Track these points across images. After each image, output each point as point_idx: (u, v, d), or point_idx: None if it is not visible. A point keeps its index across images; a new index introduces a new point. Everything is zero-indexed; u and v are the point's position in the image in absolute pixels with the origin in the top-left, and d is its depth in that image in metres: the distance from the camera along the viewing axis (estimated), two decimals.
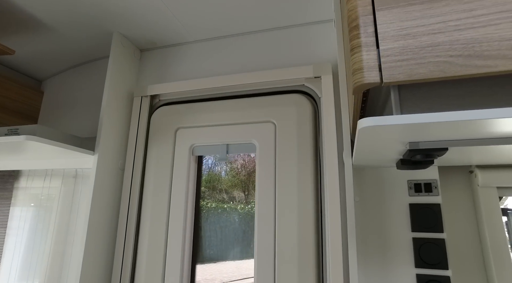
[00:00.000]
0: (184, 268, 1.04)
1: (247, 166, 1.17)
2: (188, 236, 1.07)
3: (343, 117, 0.88)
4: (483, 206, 0.82)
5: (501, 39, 0.48)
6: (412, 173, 0.84)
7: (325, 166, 0.95)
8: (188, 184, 1.09)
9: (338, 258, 0.87)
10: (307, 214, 0.96)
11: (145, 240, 1.09)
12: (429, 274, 0.77)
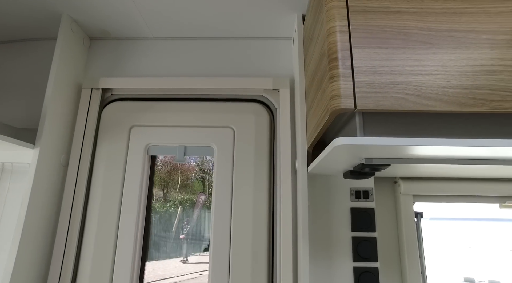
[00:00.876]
0: (135, 270, 1.01)
1: (168, 163, 1.20)
2: (139, 238, 1.05)
3: (298, 129, 0.99)
4: (403, 209, 1.02)
5: (438, 86, 0.64)
6: (354, 182, 0.99)
7: (280, 172, 1.04)
8: (142, 183, 1.07)
9: (289, 254, 0.97)
10: (261, 215, 1.04)
11: (90, 242, 1.02)
12: (363, 267, 0.93)
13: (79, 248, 1.03)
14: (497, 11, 0.68)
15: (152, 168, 1.13)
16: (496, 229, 3.94)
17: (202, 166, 1.20)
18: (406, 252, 0.99)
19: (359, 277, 0.92)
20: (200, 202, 1.17)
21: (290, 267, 0.97)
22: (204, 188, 1.18)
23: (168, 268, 1.11)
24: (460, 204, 1.09)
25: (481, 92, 0.63)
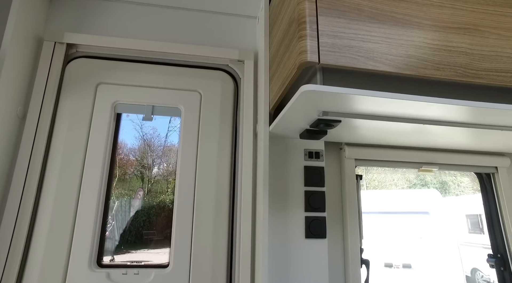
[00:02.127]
0: (96, 236, 1.02)
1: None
2: (102, 199, 1.05)
3: (261, 94, 1.10)
4: (346, 171, 1.19)
5: (382, 52, 0.79)
6: (308, 144, 1.13)
7: (242, 134, 1.14)
8: (107, 141, 1.08)
9: (248, 206, 1.07)
10: (224, 173, 1.13)
11: (49, 200, 1.01)
12: (313, 216, 1.07)
13: (35, 209, 1.00)
14: (424, 3, 0.87)
15: (117, 128, 1.14)
16: (409, 220, 4.50)
17: (142, 161, 1.21)
18: (348, 206, 1.16)
19: (309, 224, 1.06)
20: (138, 198, 1.16)
21: (249, 217, 1.08)
22: (143, 184, 1.18)
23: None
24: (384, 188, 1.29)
25: (411, 60, 0.80)
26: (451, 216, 4.76)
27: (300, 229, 1.05)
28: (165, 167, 1.21)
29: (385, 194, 4.95)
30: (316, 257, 1.04)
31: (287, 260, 1.03)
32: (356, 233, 1.15)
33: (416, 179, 6.50)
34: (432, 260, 3.88)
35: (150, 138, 1.20)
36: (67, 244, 0.99)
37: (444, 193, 5.81)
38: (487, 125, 0.96)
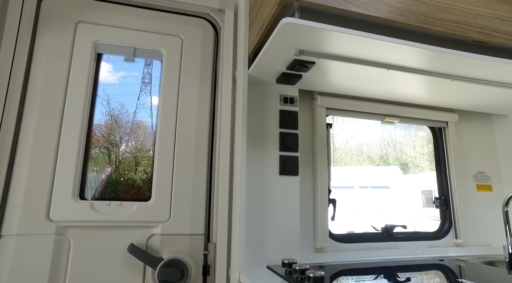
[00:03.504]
0: (78, 169, 1.05)
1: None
2: (83, 134, 1.08)
3: (241, 40, 1.15)
4: (318, 119, 1.30)
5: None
6: (284, 90, 1.21)
7: (223, 80, 1.20)
8: (88, 80, 1.09)
9: (227, 145, 1.15)
10: (204, 113, 1.19)
11: (30, 133, 1.02)
12: (287, 155, 1.17)
13: (15, 140, 1.01)
14: None
15: (98, 67, 1.15)
16: (372, 194, 4.85)
17: (109, 137, 1.20)
18: (318, 149, 1.27)
19: (283, 162, 1.15)
20: (105, 174, 1.15)
21: (227, 155, 1.15)
22: (110, 161, 1.19)
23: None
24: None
25: (380, 5, 0.90)
26: (409, 191, 5.19)
27: (275, 167, 1.15)
28: (134, 144, 1.22)
29: (351, 170, 5.27)
30: (289, 193, 1.15)
31: (263, 195, 1.12)
32: (325, 174, 1.27)
33: (379, 160, 7.02)
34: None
35: (118, 115, 1.21)
36: (50, 175, 1.02)
37: (405, 172, 6.30)
38: (441, 74, 1.09)
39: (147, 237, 1.07)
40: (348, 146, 3.49)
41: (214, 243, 1.10)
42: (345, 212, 4.47)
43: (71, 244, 1.02)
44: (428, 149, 1.76)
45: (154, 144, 1.15)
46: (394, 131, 3.31)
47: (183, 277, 1.03)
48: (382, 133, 3.75)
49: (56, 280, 0.99)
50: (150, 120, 1.22)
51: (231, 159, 1.16)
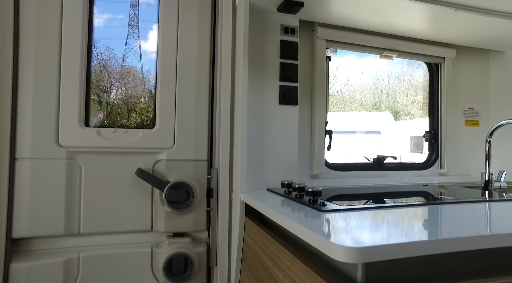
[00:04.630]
0: (81, 96, 1.06)
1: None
2: (84, 67, 1.07)
3: None
4: (317, 50, 1.30)
5: None
6: (284, 20, 1.19)
7: (223, 8, 1.17)
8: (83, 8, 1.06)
9: (228, 74, 1.17)
10: (204, 43, 1.18)
11: (29, 67, 1.01)
12: (286, 85, 1.19)
13: (15, 70, 1.00)
14: None
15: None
16: (363, 139, 4.97)
17: (99, 84, 1.17)
18: (317, 81, 1.30)
19: (283, 92, 1.18)
20: (98, 121, 1.16)
21: (229, 84, 1.17)
22: (101, 107, 1.17)
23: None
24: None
25: None
26: (399, 136, 5.36)
27: (275, 96, 1.18)
28: (125, 91, 1.20)
29: (344, 115, 5.36)
30: (288, 122, 1.20)
31: (263, 123, 1.17)
32: (322, 106, 1.31)
33: (372, 108, 7.11)
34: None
35: (106, 60, 1.17)
36: (55, 102, 1.04)
37: (396, 119, 6.44)
38: (445, 2, 1.08)
39: (153, 162, 1.13)
40: (342, 93, 3.48)
41: (217, 169, 1.17)
42: (335, 155, 4.56)
43: (82, 168, 1.08)
44: (421, 96, 1.80)
45: (156, 72, 1.15)
46: (388, 79, 3.30)
47: (189, 198, 1.12)
48: (376, 80, 3.73)
49: (72, 202, 1.07)
50: (140, 66, 1.21)
51: (232, 88, 1.18)
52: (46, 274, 1.02)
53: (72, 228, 1.07)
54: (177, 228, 1.14)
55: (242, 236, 1.05)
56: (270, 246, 0.82)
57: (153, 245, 1.14)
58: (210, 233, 1.18)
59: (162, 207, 1.12)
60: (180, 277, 1.11)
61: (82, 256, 1.07)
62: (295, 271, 0.67)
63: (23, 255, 1.03)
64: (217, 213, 1.16)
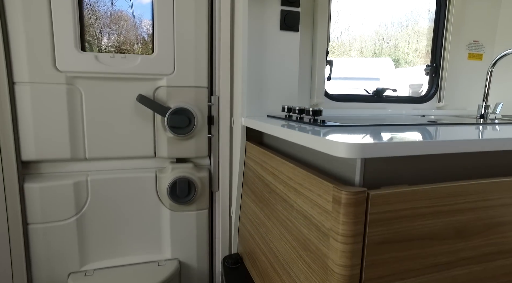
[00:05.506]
0: (75, 19, 1.01)
1: None
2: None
3: None
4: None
5: None
6: None
7: None
8: None
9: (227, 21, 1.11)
10: None
11: None
12: (287, 10, 1.14)
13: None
14: None
15: None
16: (362, 85, 4.92)
17: (89, 29, 1.09)
18: (319, 6, 1.24)
19: (284, 17, 1.14)
20: None
21: (228, 11, 1.13)
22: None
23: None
24: None
25: None
26: (397, 83, 5.32)
27: (275, 22, 1.14)
28: (116, 37, 1.13)
29: (345, 61, 5.24)
30: (289, 48, 1.17)
31: (263, 49, 1.14)
32: (324, 34, 1.27)
33: (372, 55, 6.93)
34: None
35: (94, 3, 1.07)
36: (47, 25, 1.00)
37: (396, 66, 6.33)
38: None
39: (153, 88, 1.13)
40: (342, 40, 3.33)
41: (217, 96, 1.18)
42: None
43: (83, 94, 1.08)
44: (423, 44, 1.73)
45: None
46: (390, 25, 3.15)
47: (190, 124, 1.14)
48: (378, 27, 3.55)
49: (76, 127, 1.08)
50: (131, 11, 1.14)
51: (232, 13, 1.13)
52: (58, 194, 1.08)
53: (78, 152, 1.10)
54: (180, 153, 1.17)
55: (243, 160, 1.09)
56: (271, 162, 0.86)
57: (157, 170, 1.19)
58: (212, 159, 1.22)
59: (164, 133, 1.15)
60: (184, 199, 1.18)
61: (90, 180, 1.12)
62: (295, 180, 0.71)
63: (35, 177, 1.08)
64: (218, 140, 1.19)
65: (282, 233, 0.78)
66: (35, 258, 1.09)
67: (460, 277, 0.64)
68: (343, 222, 0.53)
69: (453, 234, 0.62)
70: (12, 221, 1.04)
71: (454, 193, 0.60)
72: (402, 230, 0.57)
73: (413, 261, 0.59)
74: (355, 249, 0.54)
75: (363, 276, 0.55)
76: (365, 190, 0.53)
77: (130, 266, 1.19)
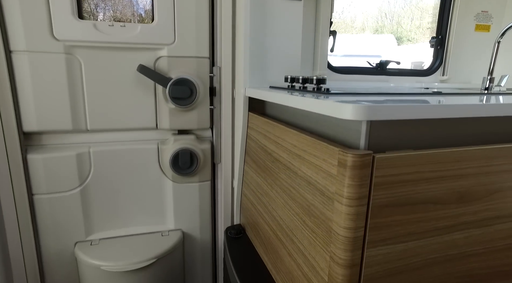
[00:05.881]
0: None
1: None
2: None
3: None
4: None
5: None
6: None
7: None
8: None
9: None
10: None
11: None
12: None
13: None
14: None
15: None
16: (362, 62, 4.84)
17: (83, 5, 1.03)
18: None
19: None
20: None
21: None
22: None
23: None
24: None
25: None
26: (399, 60, 5.25)
27: None
28: (113, 14, 1.07)
29: (346, 38, 5.14)
30: (292, 18, 1.14)
31: (265, 20, 1.11)
32: (328, 2, 1.23)
33: (374, 32, 6.83)
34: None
35: None
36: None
37: (399, 43, 6.23)
38: None
39: (154, 59, 1.11)
40: (343, 17, 3.23)
41: (219, 67, 1.16)
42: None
43: (82, 64, 1.06)
44: (427, 21, 1.67)
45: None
46: (394, 1, 3.05)
47: (192, 94, 1.12)
48: (381, 3, 3.44)
49: (76, 98, 1.07)
50: None
51: None
52: (61, 166, 1.09)
53: (79, 124, 1.10)
54: (181, 125, 1.17)
55: (245, 131, 1.09)
56: (274, 131, 0.86)
57: (159, 142, 1.19)
58: (214, 131, 1.22)
59: (165, 104, 1.14)
60: (186, 171, 1.19)
61: (92, 151, 1.12)
62: (300, 147, 0.71)
63: (37, 148, 1.08)
64: (220, 111, 1.18)
65: (285, 201, 0.80)
66: (42, 228, 1.11)
67: (459, 240, 0.66)
68: (348, 185, 0.53)
69: (455, 198, 0.63)
70: (17, 191, 1.05)
71: (459, 158, 0.61)
72: (406, 194, 0.58)
73: (415, 224, 0.60)
74: (359, 212, 0.54)
75: (367, 238, 0.57)
76: (370, 153, 0.53)
77: (135, 236, 1.22)
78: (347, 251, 0.56)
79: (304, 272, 0.70)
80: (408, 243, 0.61)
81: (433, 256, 0.63)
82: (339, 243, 0.57)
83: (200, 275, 1.35)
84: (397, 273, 0.61)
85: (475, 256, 0.68)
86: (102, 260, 1.09)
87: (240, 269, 0.95)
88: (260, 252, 0.99)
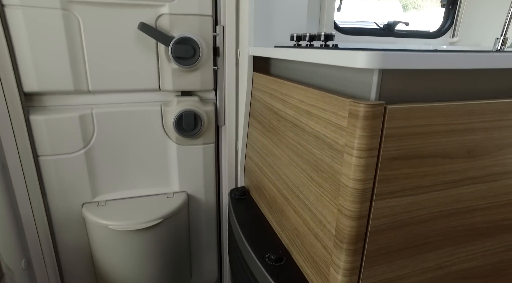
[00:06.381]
0: None
1: None
2: None
3: None
4: None
5: None
6: None
7: None
8: None
9: None
10: None
11: None
12: None
13: None
14: None
15: None
16: None
17: None
18: None
19: None
20: None
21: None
22: None
23: None
24: None
25: None
26: (408, 22, 5.08)
27: None
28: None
29: (350, 4, 4.96)
30: None
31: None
32: None
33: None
34: None
35: None
36: None
37: (404, 11, 6.03)
38: None
39: (155, 16, 1.06)
40: None
41: (223, 26, 1.11)
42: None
43: (80, 22, 1.02)
44: None
45: None
46: None
47: (195, 54, 1.09)
48: None
49: (76, 58, 1.04)
50: None
51: None
52: (64, 127, 1.08)
53: (80, 85, 1.08)
54: (185, 86, 1.15)
55: (250, 92, 1.07)
56: (281, 89, 0.84)
57: (162, 104, 1.17)
58: (218, 93, 1.20)
59: (168, 64, 1.11)
60: (190, 133, 1.18)
61: (95, 113, 1.11)
62: (308, 102, 0.70)
63: (39, 109, 1.07)
64: (223, 72, 1.16)
65: (291, 158, 0.80)
66: (49, 189, 1.13)
67: (465, 195, 0.66)
68: (359, 136, 0.53)
69: (464, 153, 0.62)
70: (22, 152, 1.05)
71: (470, 112, 0.60)
72: (416, 147, 0.57)
73: (423, 178, 0.60)
74: (369, 163, 0.54)
75: (375, 190, 0.57)
76: (382, 103, 0.52)
77: (140, 198, 1.24)
78: (356, 202, 0.56)
79: (310, 227, 0.72)
80: (415, 196, 0.61)
81: (438, 210, 0.64)
82: (348, 195, 0.57)
83: (205, 235, 1.39)
84: (403, 225, 0.62)
85: (478, 210, 0.69)
86: (110, 220, 1.11)
87: (244, 226, 0.97)
88: (265, 211, 1.01)
